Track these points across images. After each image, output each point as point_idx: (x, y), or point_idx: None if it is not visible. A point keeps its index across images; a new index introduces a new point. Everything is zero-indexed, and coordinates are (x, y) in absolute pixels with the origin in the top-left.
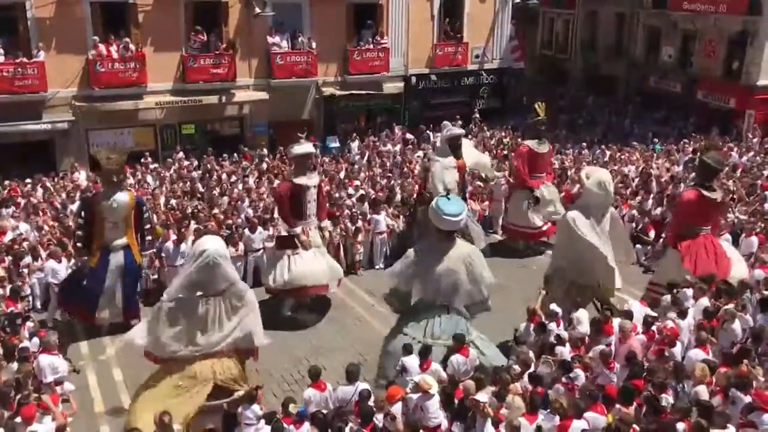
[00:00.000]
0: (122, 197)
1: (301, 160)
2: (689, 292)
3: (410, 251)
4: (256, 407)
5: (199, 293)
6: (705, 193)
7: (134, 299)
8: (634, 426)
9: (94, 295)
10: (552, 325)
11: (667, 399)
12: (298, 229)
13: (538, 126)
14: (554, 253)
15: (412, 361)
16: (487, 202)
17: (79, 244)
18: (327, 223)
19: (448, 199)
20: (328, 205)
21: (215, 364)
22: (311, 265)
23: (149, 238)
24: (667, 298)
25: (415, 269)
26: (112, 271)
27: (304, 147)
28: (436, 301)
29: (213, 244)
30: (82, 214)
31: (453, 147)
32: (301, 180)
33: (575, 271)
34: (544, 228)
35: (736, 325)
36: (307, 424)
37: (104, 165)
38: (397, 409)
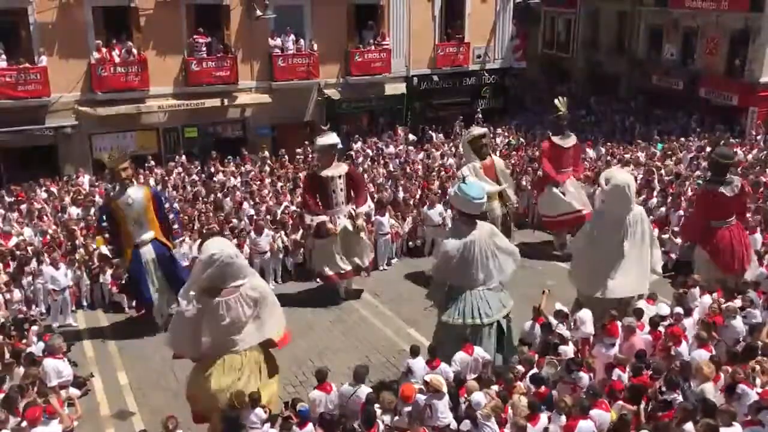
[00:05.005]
0: (137, 193)
1: (325, 150)
2: (697, 291)
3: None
4: (259, 411)
5: (216, 298)
6: (719, 189)
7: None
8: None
9: (140, 293)
10: (559, 326)
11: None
12: (325, 217)
13: (560, 121)
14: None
15: (417, 363)
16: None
17: (109, 247)
18: (361, 209)
19: (467, 184)
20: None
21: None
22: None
23: (176, 226)
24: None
25: (457, 260)
26: (146, 266)
27: (329, 138)
28: (477, 283)
29: (218, 246)
30: (104, 218)
31: (476, 148)
32: (326, 172)
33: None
34: (584, 212)
35: (737, 322)
36: (310, 425)
37: (108, 164)
38: (406, 409)
